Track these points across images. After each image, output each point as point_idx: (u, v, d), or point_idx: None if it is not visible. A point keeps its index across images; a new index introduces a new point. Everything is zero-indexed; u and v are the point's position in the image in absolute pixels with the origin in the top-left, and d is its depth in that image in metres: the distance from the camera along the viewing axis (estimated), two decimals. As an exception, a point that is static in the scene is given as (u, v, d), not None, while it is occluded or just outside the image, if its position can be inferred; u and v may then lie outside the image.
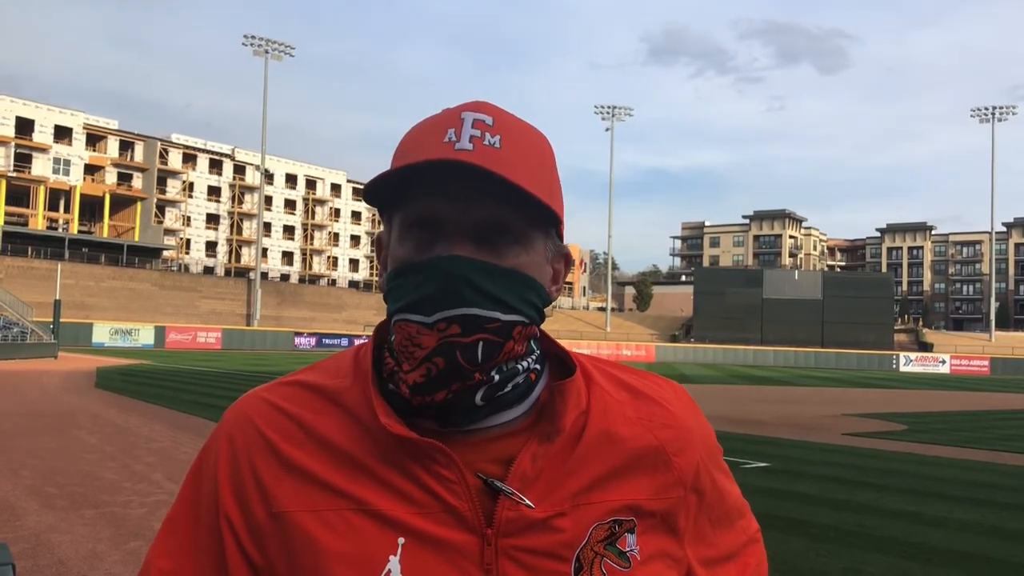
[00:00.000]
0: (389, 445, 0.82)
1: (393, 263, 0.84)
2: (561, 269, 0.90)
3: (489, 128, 0.81)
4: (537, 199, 0.79)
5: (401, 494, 0.81)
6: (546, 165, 0.85)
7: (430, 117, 0.85)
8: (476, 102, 0.85)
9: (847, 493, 9.07)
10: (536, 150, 0.85)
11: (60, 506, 7.44)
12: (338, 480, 0.82)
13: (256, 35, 67.50)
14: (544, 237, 0.85)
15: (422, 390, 0.81)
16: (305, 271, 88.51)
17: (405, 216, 0.83)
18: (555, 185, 0.86)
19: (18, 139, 68.52)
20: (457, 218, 0.80)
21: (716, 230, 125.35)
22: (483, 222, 0.80)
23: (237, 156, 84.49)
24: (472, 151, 0.79)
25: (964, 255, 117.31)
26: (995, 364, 63.05)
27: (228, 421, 0.89)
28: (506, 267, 0.81)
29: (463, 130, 0.80)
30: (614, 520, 0.83)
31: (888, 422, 18.19)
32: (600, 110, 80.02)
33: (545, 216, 0.83)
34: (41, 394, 19.25)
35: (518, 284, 0.82)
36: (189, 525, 0.87)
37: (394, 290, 0.83)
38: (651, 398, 0.92)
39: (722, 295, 74.90)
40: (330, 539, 0.80)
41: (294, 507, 0.81)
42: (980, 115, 76.71)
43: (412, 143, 0.83)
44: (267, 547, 0.82)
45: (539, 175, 0.83)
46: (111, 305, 59.21)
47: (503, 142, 0.81)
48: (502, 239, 0.81)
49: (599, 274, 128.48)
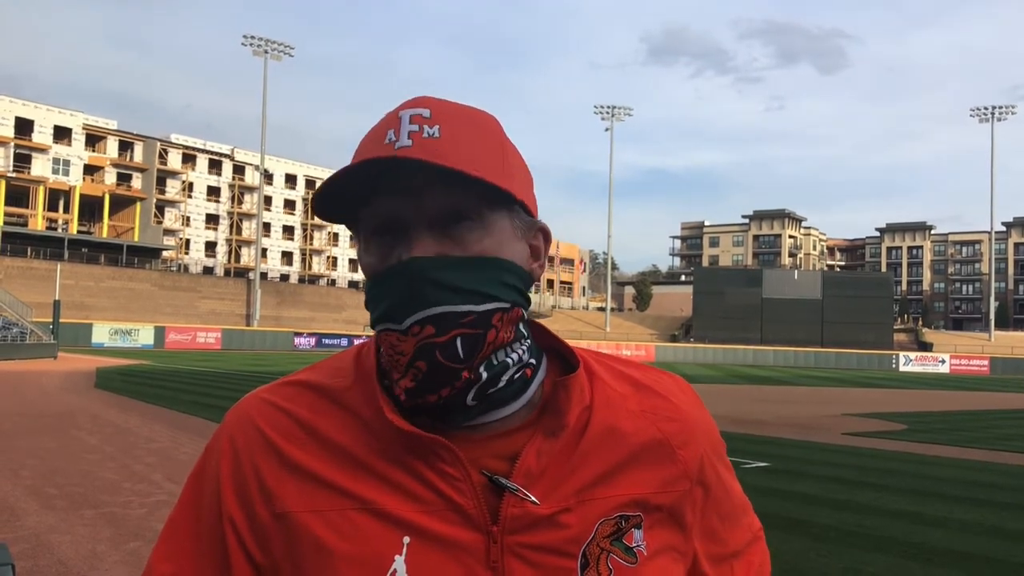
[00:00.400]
0: (393, 443, 0.81)
1: (365, 271, 0.84)
2: (540, 245, 0.88)
3: (427, 120, 0.81)
4: (483, 180, 0.78)
5: (406, 492, 0.80)
6: (492, 143, 0.83)
7: (375, 124, 0.85)
8: (415, 98, 0.84)
9: (847, 493, 9.07)
10: (479, 130, 0.83)
11: (60, 506, 7.44)
12: (341, 479, 0.81)
13: (255, 35, 67.54)
14: (508, 215, 0.83)
15: (414, 394, 0.80)
16: (305, 271, 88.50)
17: (365, 225, 0.83)
18: (508, 160, 0.84)
19: (17, 139, 68.50)
20: (412, 215, 0.79)
21: (716, 230, 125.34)
22: (438, 213, 0.79)
23: (236, 156, 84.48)
24: (411, 147, 0.78)
25: (964, 255, 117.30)
26: (995, 364, 63.06)
27: (229, 422, 0.88)
28: (470, 256, 0.80)
29: (401, 128, 0.80)
30: (620, 515, 0.83)
31: (888, 422, 18.18)
32: (600, 110, 79.98)
33: (502, 195, 0.81)
34: (41, 394, 19.24)
35: (487, 269, 0.80)
36: (191, 527, 0.86)
37: (369, 302, 0.83)
38: (654, 391, 0.91)
39: (722, 295, 74.89)
40: (335, 540, 0.79)
41: (298, 507, 0.81)
42: (980, 115, 76.68)
43: (357, 153, 0.83)
44: (271, 548, 0.82)
45: (485, 155, 0.81)
46: (111, 305, 59.20)
47: (442, 131, 0.80)
48: (461, 226, 0.80)
49: (599, 274, 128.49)
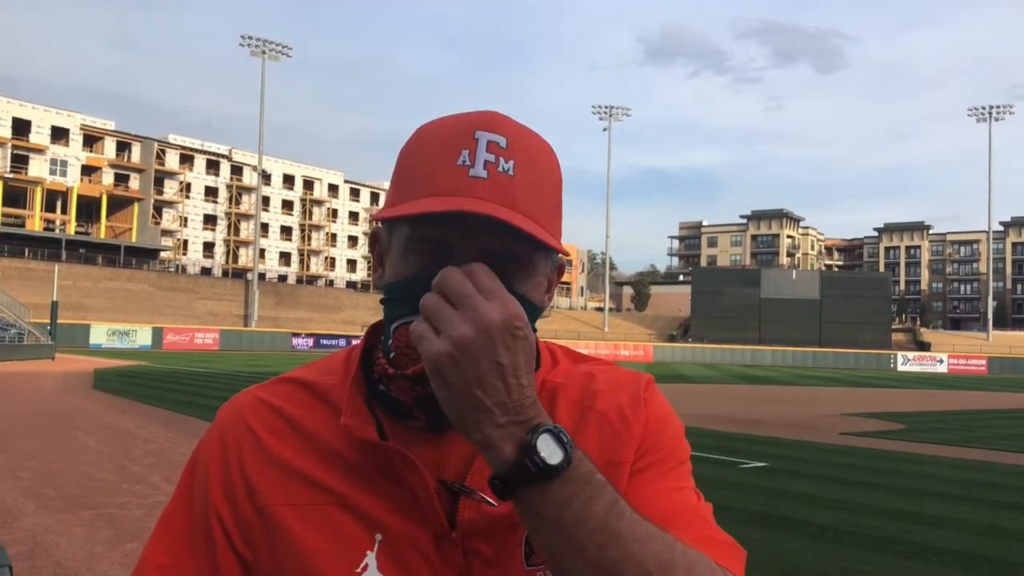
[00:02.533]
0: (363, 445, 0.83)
1: (394, 274, 0.83)
2: (553, 279, 0.90)
3: (503, 152, 0.79)
4: (546, 244, 0.79)
5: (379, 492, 0.82)
6: (555, 187, 0.85)
7: (440, 126, 0.83)
8: (488, 114, 0.82)
9: (845, 493, 9.07)
10: (547, 174, 0.84)
11: (57, 507, 7.42)
12: (320, 475, 0.83)
13: (253, 35, 67.53)
14: (546, 258, 0.85)
15: (415, 381, 0.80)
16: (302, 272, 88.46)
17: (412, 233, 0.81)
18: (560, 204, 0.86)
19: (15, 140, 68.46)
20: (465, 245, 0.79)
21: (714, 230, 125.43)
22: (491, 251, 0.79)
23: (234, 157, 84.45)
24: (487, 179, 0.78)
25: (961, 254, 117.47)
26: (992, 363, 63.13)
27: (221, 418, 0.90)
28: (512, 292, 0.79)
29: (477, 154, 0.78)
30: None
31: (886, 421, 18.20)
32: (598, 110, 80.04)
33: (552, 248, 0.82)
34: (38, 395, 19.23)
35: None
36: (185, 521, 0.87)
37: (395, 300, 0.83)
38: (604, 379, 0.92)
39: (720, 295, 74.94)
40: (309, 534, 0.81)
41: (276, 501, 0.83)
42: (977, 115, 76.79)
43: (423, 159, 0.81)
44: (254, 541, 0.83)
45: (548, 201, 0.82)
46: (108, 306, 59.13)
47: (516, 167, 0.79)
48: (509, 267, 0.80)
49: (597, 274, 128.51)
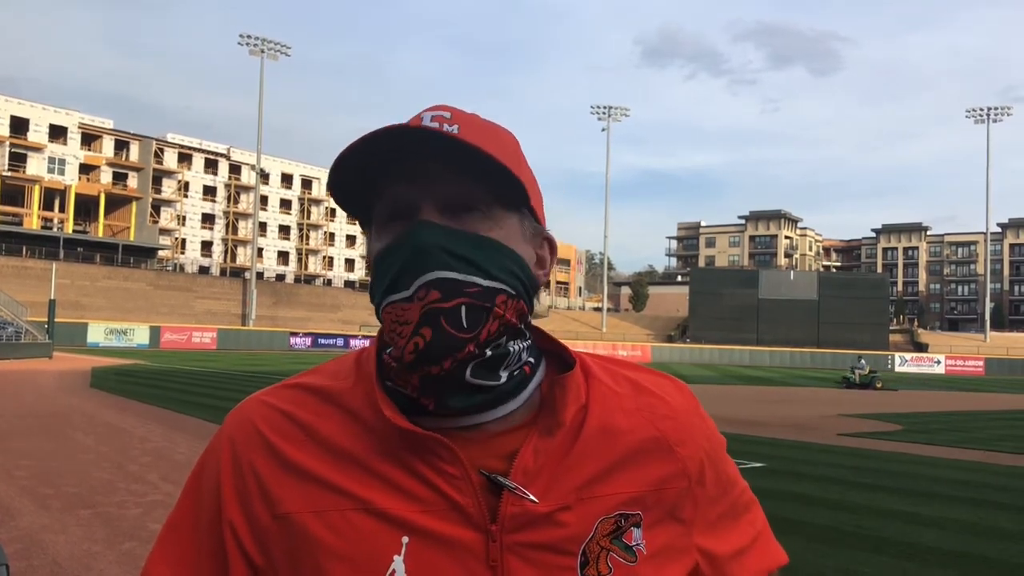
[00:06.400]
0: (392, 443, 0.81)
1: (372, 252, 0.85)
2: (546, 256, 0.89)
3: (447, 120, 0.82)
4: (502, 166, 0.79)
5: (405, 492, 0.80)
6: (509, 149, 0.85)
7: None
8: (436, 105, 0.86)
9: (843, 493, 9.07)
10: (497, 137, 0.85)
11: (55, 506, 7.41)
12: (341, 480, 0.81)
13: (252, 34, 67.35)
14: (518, 217, 0.85)
15: (416, 365, 0.79)
16: (301, 271, 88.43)
17: (378, 216, 0.84)
18: (523, 166, 0.86)
19: (13, 138, 68.37)
20: (423, 199, 0.80)
21: (712, 230, 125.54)
22: (449, 200, 0.80)
23: (233, 156, 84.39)
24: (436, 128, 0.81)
25: (959, 256, 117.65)
26: (990, 364, 63.15)
27: (229, 424, 0.88)
28: (480, 235, 0.81)
29: (421, 123, 0.82)
30: (620, 514, 0.83)
31: (884, 422, 18.20)
32: (596, 110, 79.95)
33: (513, 192, 0.83)
34: (36, 394, 19.17)
35: (493, 251, 0.81)
36: (190, 530, 0.86)
37: (377, 279, 0.83)
38: (651, 391, 0.91)
39: (718, 295, 74.89)
40: (334, 540, 0.79)
41: (297, 508, 0.81)
42: (975, 116, 76.76)
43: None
44: (270, 550, 0.82)
45: (500, 154, 0.81)
46: (106, 305, 59.06)
47: (461, 129, 0.82)
48: (469, 215, 0.81)
49: (595, 274, 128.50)
